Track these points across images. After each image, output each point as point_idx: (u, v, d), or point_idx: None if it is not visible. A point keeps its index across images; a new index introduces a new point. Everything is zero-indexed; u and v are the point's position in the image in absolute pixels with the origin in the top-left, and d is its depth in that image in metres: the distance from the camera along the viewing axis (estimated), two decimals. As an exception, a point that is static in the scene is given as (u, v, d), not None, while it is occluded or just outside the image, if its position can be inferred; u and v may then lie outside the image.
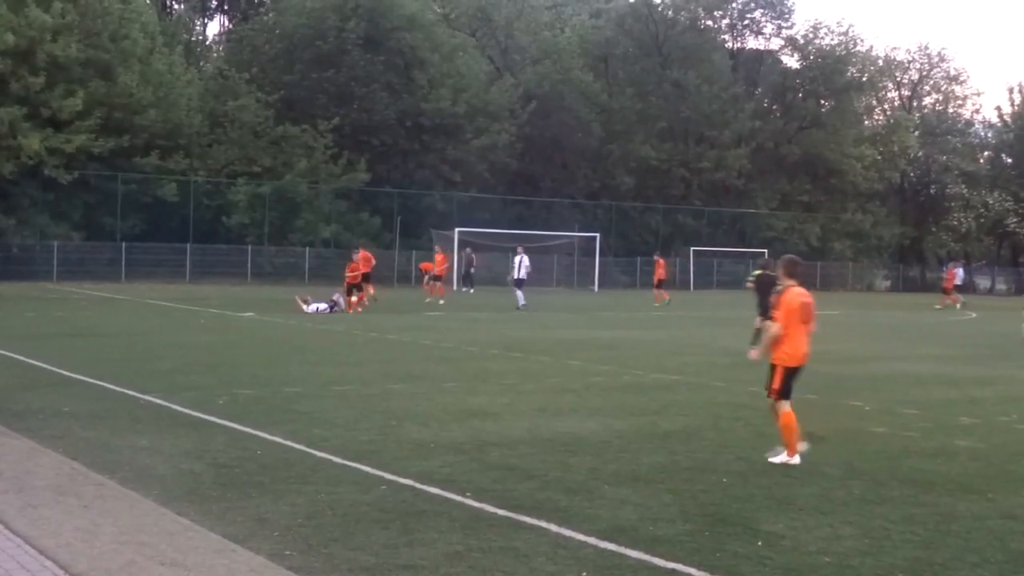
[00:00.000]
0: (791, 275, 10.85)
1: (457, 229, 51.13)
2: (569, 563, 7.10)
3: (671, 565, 7.14)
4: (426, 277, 42.23)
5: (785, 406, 10.55)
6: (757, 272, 21.65)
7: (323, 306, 31.50)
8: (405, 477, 9.38)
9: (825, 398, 15.54)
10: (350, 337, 23.91)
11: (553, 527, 7.93)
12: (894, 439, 12.24)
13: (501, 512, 8.31)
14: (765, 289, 18.98)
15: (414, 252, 55.60)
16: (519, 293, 36.88)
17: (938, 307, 47.64)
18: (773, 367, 10.66)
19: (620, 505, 8.67)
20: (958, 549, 7.71)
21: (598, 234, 58.16)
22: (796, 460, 10.46)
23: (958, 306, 46.88)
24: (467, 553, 7.22)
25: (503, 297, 40.63)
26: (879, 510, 8.77)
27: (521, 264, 38.11)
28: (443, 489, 8.99)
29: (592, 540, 7.62)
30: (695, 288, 63.86)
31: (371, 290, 34.15)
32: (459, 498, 8.73)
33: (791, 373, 10.59)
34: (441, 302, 38.12)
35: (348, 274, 32.87)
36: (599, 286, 57.82)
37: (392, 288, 49.62)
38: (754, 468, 10.30)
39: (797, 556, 7.43)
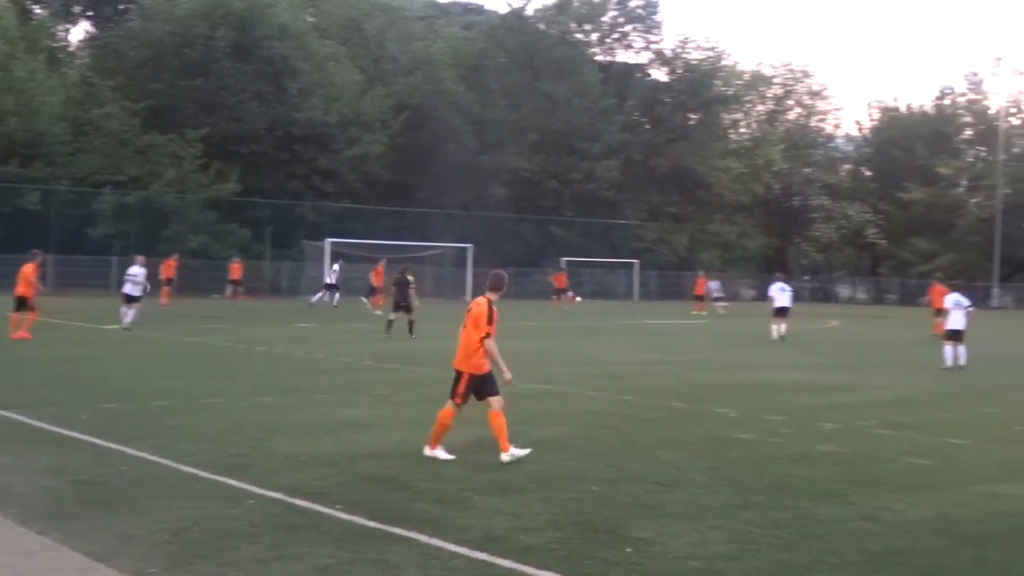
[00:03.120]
0: (493, 289, 11.61)
1: (328, 240, 50.59)
2: (440, 573, 7.11)
3: (542, 573, 7.19)
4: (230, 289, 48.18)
5: (448, 404, 11.21)
6: (396, 275, 29.12)
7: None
8: (275, 490, 9.26)
9: (692, 406, 15.85)
10: (219, 350, 23.51)
11: (424, 538, 7.91)
12: (760, 445, 12.53)
13: (372, 524, 8.27)
14: (401, 289, 28.25)
15: (285, 263, 55.00)
16: (323, 294, 43.61)
17: (694, 312, 48.91)
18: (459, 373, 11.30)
19: (491, 515, 8.70)
20: (820, 551, 7.93)
21: (470, 245, 58.24)
22: (440, 454, 11.06)
23: (720, 311, 49.11)
24: (338, 566, 7.17)
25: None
26: (745, 515, 8.96)
27: (333, 272, 45.26)
28: (314, 502, 8.90)
29: (463, 550, 7.63)
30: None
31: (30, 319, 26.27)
32: (330, 511, 8.65)
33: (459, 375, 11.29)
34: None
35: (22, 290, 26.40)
36: (472, 297, 57.80)
37: (263, 300, 48.96)
38: (624, 476, 10.44)
39: (666, 562, 7.56)
